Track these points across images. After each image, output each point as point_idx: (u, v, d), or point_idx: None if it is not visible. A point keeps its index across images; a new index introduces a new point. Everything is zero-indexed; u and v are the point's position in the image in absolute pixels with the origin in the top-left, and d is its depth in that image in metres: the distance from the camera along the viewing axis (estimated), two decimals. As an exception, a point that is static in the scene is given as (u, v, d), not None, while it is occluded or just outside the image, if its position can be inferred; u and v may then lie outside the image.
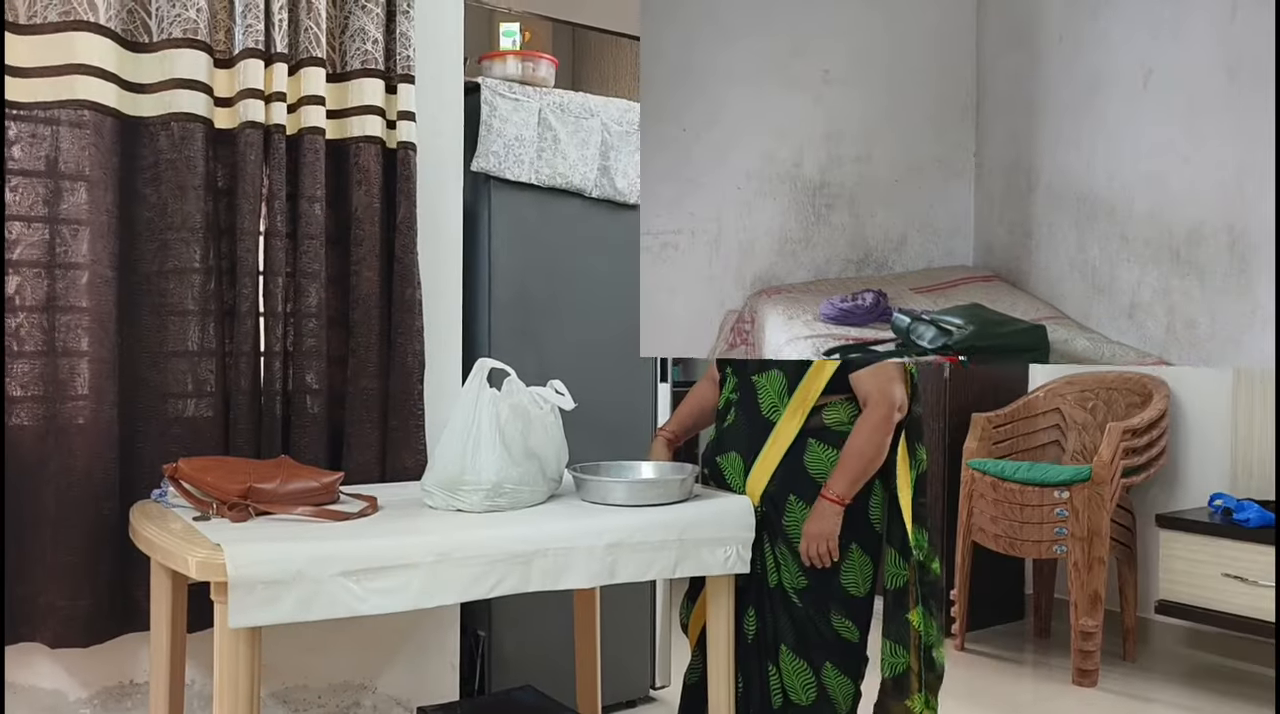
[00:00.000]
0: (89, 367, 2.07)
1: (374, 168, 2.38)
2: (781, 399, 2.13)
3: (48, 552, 2.04)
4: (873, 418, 2.05)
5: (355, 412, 2.38)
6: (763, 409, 2.15)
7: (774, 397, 2.15)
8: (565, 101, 2.81)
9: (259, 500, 1.83)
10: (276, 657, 2.38)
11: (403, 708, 2.59)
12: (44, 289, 2.04)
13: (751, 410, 2.17)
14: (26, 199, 2.03)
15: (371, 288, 2.39)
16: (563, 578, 1.86)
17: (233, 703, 1.59)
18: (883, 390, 2.05)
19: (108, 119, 2.08)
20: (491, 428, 1.96)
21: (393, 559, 1.70)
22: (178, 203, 2.16)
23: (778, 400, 2.14)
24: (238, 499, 1.81)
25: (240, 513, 1.80)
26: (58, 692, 2.15)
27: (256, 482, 1.85)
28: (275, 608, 1.59)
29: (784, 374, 2.13)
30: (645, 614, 3.07)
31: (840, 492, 2.04)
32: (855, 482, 2.05)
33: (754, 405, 2.17)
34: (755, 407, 2.16)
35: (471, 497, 1.95)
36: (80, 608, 2.05)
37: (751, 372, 2.17)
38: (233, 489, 1.82)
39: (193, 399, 2.22)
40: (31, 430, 2.04)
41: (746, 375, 2.19)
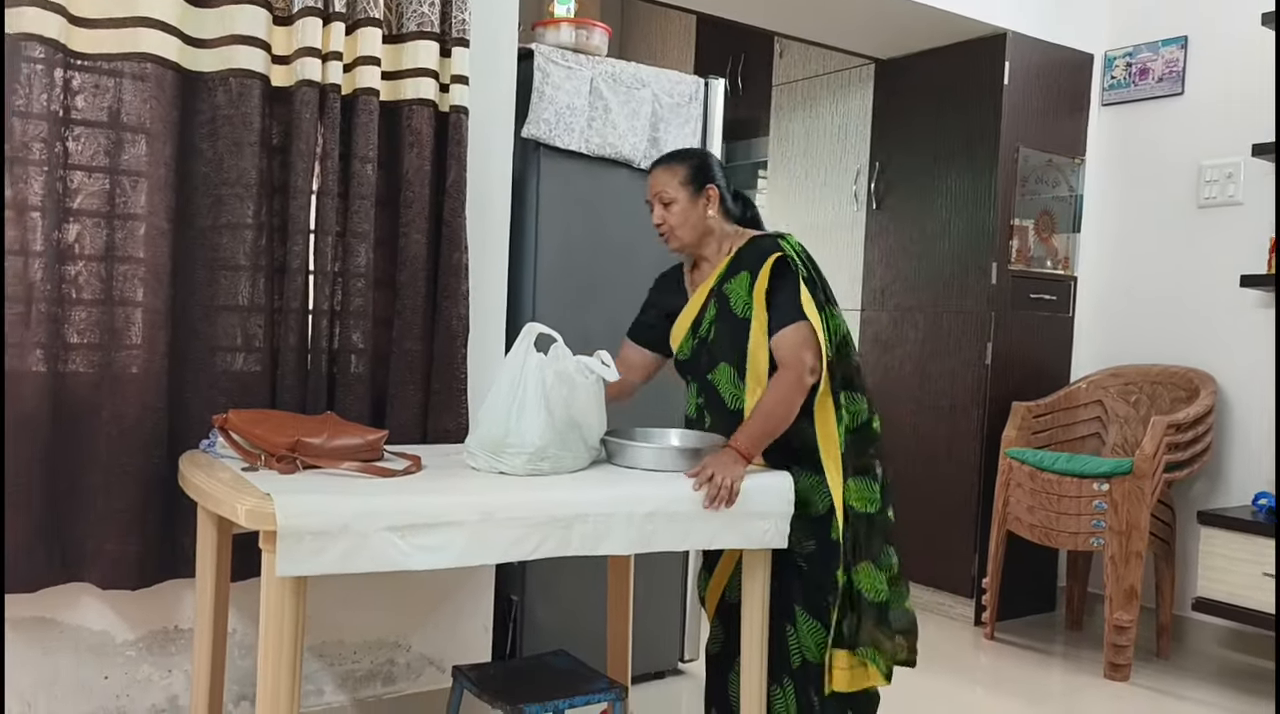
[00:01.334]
0: (143, 317, 2.11)
1: (426, 130, 2.39)
2: (739, 388, 2.16)
3: (99, 496, 2.08)
4: (784, 379, 2.07)
5: (399, 373, 2.40)
6: (727, 404, 2.19)
7: (731, 388, 2.18)
8: (617, 71, 2.80)
9: (306, 454, 1.85)
10: (314, 611, 2.41)
11: (436, 667, 2.63)
12: (103, 239, 2.08)
13: (718, 408, 2.21)
14: (89, 149, 2.06)
15: (419, 250, 2.40)
16: (601, 543, 1.87)
17: (277, 650, 1.62)
18: (794, 353, 2.08)
19: (169, 72, 2.10)
20: (537, 392, 1.97)
21: (438, 516, 1.72)
22: (233, 158, 2.19)
23: (735, 390, 2.17)
24: (286, 452, 1.84)
25: (288, 465, 1.82)
26: (105, 632, 2.20)
27: (304, 436, 1.87)
28: (322, 558, 1.61)
29: (729, 365, 2.17)
30: (677, 588, 3.09)
31: (744, 446, 2.02)
32: (761, 439, 2.05)
33: (719, 402, 2.20)
34: (720, 403, 2.20)
35: (514, 460, 1.96)
36: (130, 552, 2.09)
37: (705, 372, 2.22)
38: (281, 442, 1.85)
39: (241, 353, 2.25)
40: (87, 377, 2.08)
41: (703, 377, 2.23)
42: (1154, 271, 3.86)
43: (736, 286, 2.16)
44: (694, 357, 2.24)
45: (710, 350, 2.20)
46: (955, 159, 3.88)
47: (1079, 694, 3.19)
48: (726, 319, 2.17)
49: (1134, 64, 3.93)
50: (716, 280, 2.19)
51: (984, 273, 3.79)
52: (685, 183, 2.18)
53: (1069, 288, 4.02)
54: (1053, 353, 3.98)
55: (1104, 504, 3.28)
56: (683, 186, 2.17)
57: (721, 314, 2.18)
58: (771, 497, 2.05)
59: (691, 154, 2.25)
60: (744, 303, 2.14)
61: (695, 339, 2.23)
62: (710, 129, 3.01)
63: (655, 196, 2.19)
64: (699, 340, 2.22)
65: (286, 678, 1.62)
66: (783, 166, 4.65)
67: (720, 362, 2.18)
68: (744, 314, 2.14)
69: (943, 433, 3.91)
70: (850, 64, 4.29)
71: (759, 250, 2.16)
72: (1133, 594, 3.25)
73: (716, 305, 2.18)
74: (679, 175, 2.18)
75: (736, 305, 2.15)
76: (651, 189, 2.21)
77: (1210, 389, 3.52)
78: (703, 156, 2.24)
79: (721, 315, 2.18)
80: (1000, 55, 3.73)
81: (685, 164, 2.20)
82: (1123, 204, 3.97)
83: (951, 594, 3.88)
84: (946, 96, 3.91)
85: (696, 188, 2.18)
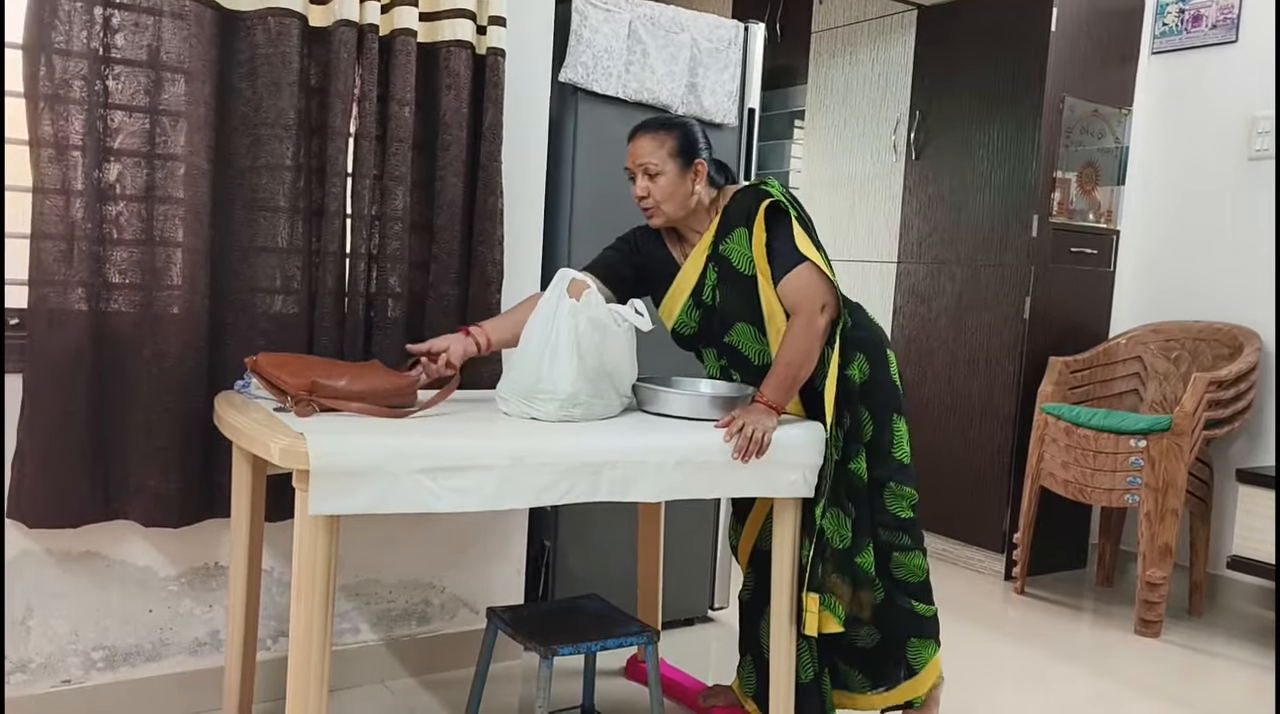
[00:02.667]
0: (184, 257, 2.12)
1: (463, 73, 2.37)
2: (762, 342, 2.15)
3: (140, 435, 2.12)
4: (795, 326, 2.04)
5: (434, 317, 2.41)
6: (754, 361, 2.18)
7: (755, 344, 2.17)
8: (656, 14, 2.76)
9: (322, 395, 1.86)
10: (351, 551, 2.46)
11: (469, 609, 2.67)
12: (143, 179, 2.09)
13: (745, 367, 2.20)
14: (128, 88, 2.06)
15: (456, 194, 2.40)
16: (630, 490, 1.88)
17: (310, 588, 1.65)
18: (803, 297, 2.04)
19: (208, 11, 2.10)
20: (570, 339, 1.97)
21: (469, 460, 1.73)
22: (272, 99, 2.18)
23: (760, 346, 2.16)
24: (302, 393, 1.85)
25: (304, 407, 1.83)
26: (148, 568, 2.25)
27: (321, 378, 1.88)
28: (354, 498, 1.63)
29: (746, 323, 2.15)
30: (708, 535, 3.10)
31: (772, 398, 2.01)
32: (787, 389, 2.03)
33: (744, 362, 2.19)
34: (746, 362, 2.19)
35: (546, 406, 1.97)
36: (171, 490, 2.13)
37: (721, 337, 2.19)
38: (296, 384, 1.86)
39: (280, 295, 2.26)
40: (129, 317, 2.10)
41: (720, 342, 2.20)
42: (1200, 225, 3.78)
43: (734, 245, 2.12)
44: (703, 326, 2.21)
45: (721, 314, 2.18)
46: (998, 109, 3.80)
47: (1109, 649, 3.19)
48: (731, 279, 2.13)
49: (1187, 10, 3.81)
50: (711, 244, 2.14)
51: (1024, 226, 3.73)
52: (674, 154, 2.08)
53: (1111, 242, 3.94)
54: (1092, 308, 3.92)
55: (1140, 461, 3.25)
56: (670, 158, 2.08)
57: (725, 276, 2.14)
58: (801, 447, 2.05)
59: (678, 123, 2.14)
60: (746, 259, 2.11)
61: (700, 308, 2.19)
62: (749, 75, 2.97)
63: (640, 167, 2.09)
64: (705, 308, 2.19)
65: (319, 616, 1.65)
66: (820, 115, 4.58)
67: (736, 322, 2.16)
68: (748, 271, 2.11)
69: (978, 387, 3.88)
70: (892, 10, 4.20)
71: (747, 202, 2.11)
72: (1167, 552, 3.23)
73: (717, 269, 2.14)
74: (666, 145, 2.08)
75: (740, 263, 2.11)
76: (634, 158, 2.10)
77: (1255, 346, 3.45)
78: (689, 126, 2.14)
79: (725, 277, 2.14)
80: (1048, 1, 3.63)
81: (673, 134, 2.09)
82: (1170, 156, 3.88)
83: (982, 549, 3.87)
84: (990, 44, 3.82)
85: (686, 160, 2.09)
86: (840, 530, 2.13)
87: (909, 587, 2.22)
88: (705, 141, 2.15)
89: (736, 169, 2.99)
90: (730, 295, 2.14)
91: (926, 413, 4.01)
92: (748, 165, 3.01)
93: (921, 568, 2.23)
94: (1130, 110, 3.92)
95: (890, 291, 4.19)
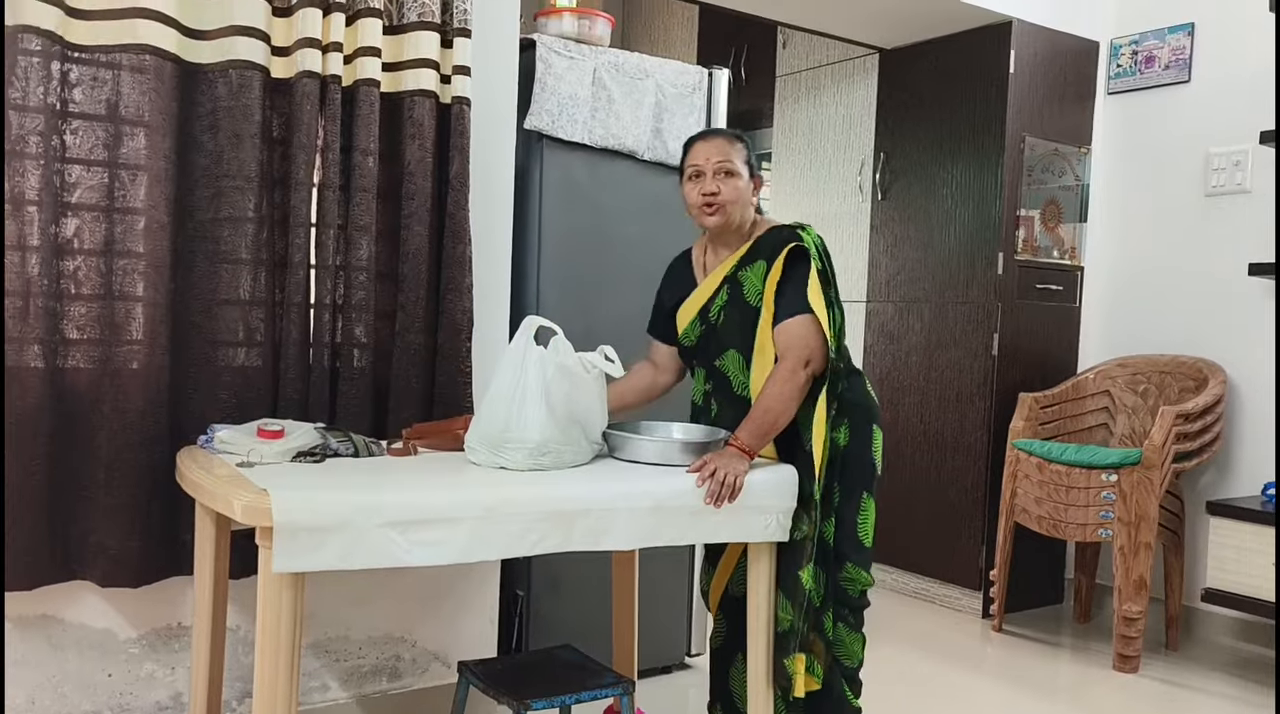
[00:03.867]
0: (144, 311, 2.09)
1: (428, 122, 2.37)
2: (745, 374, 2.15)
3: (100, 492, 2.07)
4: (780, 372, 2.04)
5: (402, 367, 2.39)
6: (735, 390, 2.17)
7: (740, 374, 2.16)
8: (620, 61, 2.78)
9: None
10: (319, 606, 2.41)
11: (441, 662, 2.62)
12: (102, 233, 2.06)
13: (726, 394, 2.19)
14: (87, 142, 2.04)
15: (422, 243, 2.38)
16: (604, 538, 1.86)
17: (274, 648, 1.61)
18: (792, 345, 2.05)
19: (168, 64, 2.09)
20: (538, 387, 1.95)
21: (438, 512, 1.70)
22: (234, 151, 2.17)
23: (743, 377, 2.15)
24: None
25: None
26: (107, 630, 2.19)
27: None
28: (319, 554, 1.60)
29: (737, 351, 2.15)
30: (683, 581, 3.07)
31: (746, 442, 1.99)
32: (762, 435, 2.01)
33: (727, 388, 2.19)
34: (729, 389, 2.19)
35: (515, 455, 1.94)
36: (131, 548, 2.08)
37: (712, 358, 2.20)
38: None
39: (243, 348, 2.24)
40: (87, 373, 2.07)
41: (710, 363, 2.21)
42: (1161, 261, 3.83)
43: (752, 274, 2.13)
44: (701, 342, 2.22)
45: (719, 336, 2.18)
46: (961, 149, 3.85)
47: (1089, 686, 3.17)
48: (738, 305, 2.14)
49: (1140, 52, 3.89)
50: (732, 267, 2.16)
51: (990, 263, 3.76)
52: (746, 162, 2.13)
53: (1076, 278, 3.99)
54: (1060, 343, 3.95)
55: (1112, 495, 3.26)
56: (744, 164, 2.12)
57: (733, 299, 2.15)
58: (774, 490, 2.03)
59: (745, 137, 2.19)
60: (757, 292, 2.11)
61: (703, 325, 2.20)
62: (715, 120, 2.99)
63: (717, 165, 2.09)
64: (707, 326, 2.19)
65: (284, 676, 1.61)
66: (787, 157, 4.62)
67: (729, 348, 2.16)
68: (755, 302, 2.12)
69: (949, 424, 3.89)
70: (854, 54, 4.26)
71: (777, 239, 2.12)
72: (1142, 585, 3.23)
73: (729, 291, 2.15)
74: (741, 153, 2.12)
75: (750, 293, 2.13)
76: (711, 156, 2.09)
77: (1219, 378, 3.49)
78: (750, 143, 2.20)
79: (733, 301, 2.15)
80: (1005, 43, 3.70)
81: (745, 144, 2.16)
82: (1130, 193, 3.94)
83: (959, 586, 3.86)
84: (951, 86, 3.88)
85: (752, 170, 2.15)
86: (818, 589, 2.11)
87: (844, 668, 2.18)
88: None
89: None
90: (731, 319, 2.15)
91: (900, 451, 4.01)
92: (714, 209, 3.02)
93: (858, 655, 2.19)
94: (1089, 149, 3.98)
95: (860, 331, 4.20)
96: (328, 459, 1.95)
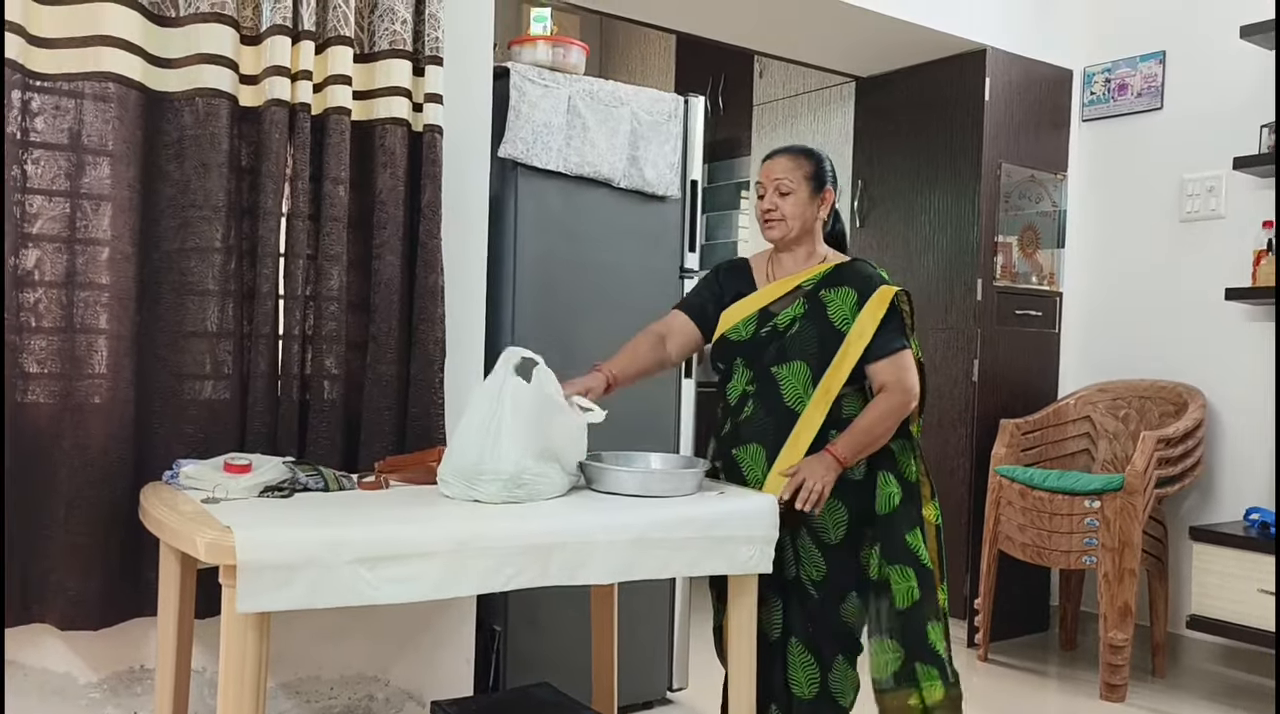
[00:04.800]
0: (107, 344, 2.04)
1: (399, 150, 2.34)
2: (807, 390, 2.14)
3: (60, 531, 2.00)
4: (890, 402, 2.11)
5: (374, 398, 2.34)
6: (786, 400, 2.15)
7: (799, 387, 2.14)
8: (595, 89, 2.76)
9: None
10: (289, 646, 2.35)
11: (415, 702, 2.55)
12: (64, 264, 2.01)
13: (773, 402, 2.16)
14: (48, 172, 2.00)
15: (394, 273, 2.35)
16: (581, 572, 1.81)
17: (238, 690, 1.55)
18: (899, 379, 2.11)
19: (132, 93, 2.05)
20: (513, 418, 1.91)
21: (408, 548, 1.65)
22: (200, 180, 2.13)
23: (803, 391, 2.14)
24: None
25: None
26: (68, 674, 2.12)
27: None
28: (285, 593, 1.55)
29: (806, 365, 2.14)
30: (664, 615, 3.02)
31: (842, 454, 2.07)
32: (860, 451, 2.09)
33: (776, 396, 2.16)
34: (778, 397, 2.16)
35: (489, 487, 1.89)
36: (91, 589, 2.02)
37: (769, 363, 2.17)
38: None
39: (210, 381, 2.18)
40: (47, 408, 2.01)
41: (764, 366, 2.18)
42: (1138, 286, 3.84)
43: (838, 299, 2.16)
44: (755, 342, 2.20)
45: (786, 344, 2.17)
46: (938, 176, 3.86)
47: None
48: (818, 322, 2.16)
49: (1113, 79, 3.92)
50: (812, 283, 2.19)
51: (969, 289, 3.76)
52: (808, 178, 2.20)
53: (1054, 303, 3.99)
54: (1040, 369, 3.94)
55: (1096, 521, 3.23)
56: (805, 180, 2.19)
57: (813, 315, 2.16)
58: (754, 520, 1.99)
59: (816, 153, 2.25)
60: (843, 317, 2.14)
61: (766, 326, 2.20)
62: (691, 147, 2.98)
63: (773, 183, 2.20)
64: (772, 328, 2.19)
65: (249, 719, 1.55)
66: (765, 186, 4.61)
67: (795, 359, 2.15)
68: (842, 326, 2.14)
69: (932, 451, 3.85)
70: (830, 82, 4.28)
71: (866, 276, 2.19)
72: (1127, 612, 3.20)
73: (806, 305, 2.18)
74: (803, 169, 2.20)
75: (836, 316, 2.15)
76: (769, 174, 2.21)
77: (1199, 403, 3.48)
78: (824, 159, 2.26)
79: (812, 316, 2.16)
80: (980, 71, 3.72)
81: (810, 160, 2.22)
82: (1106, 219, 3.95)
83: (943, 616, 3.81)
84: (928, 113, 3.89)
85: (816, 186, 2.20)
86: None
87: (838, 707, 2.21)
88: (834, 180, 2.26)
89: (681, 240, 2.98)
90: (807, 334, 2.15)
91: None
92: (691, 236, 3.00)
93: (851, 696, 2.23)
94: (1065, 175, 4.00)
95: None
96: (296, 494, 1.90)
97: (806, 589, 2.17)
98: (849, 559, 2.17)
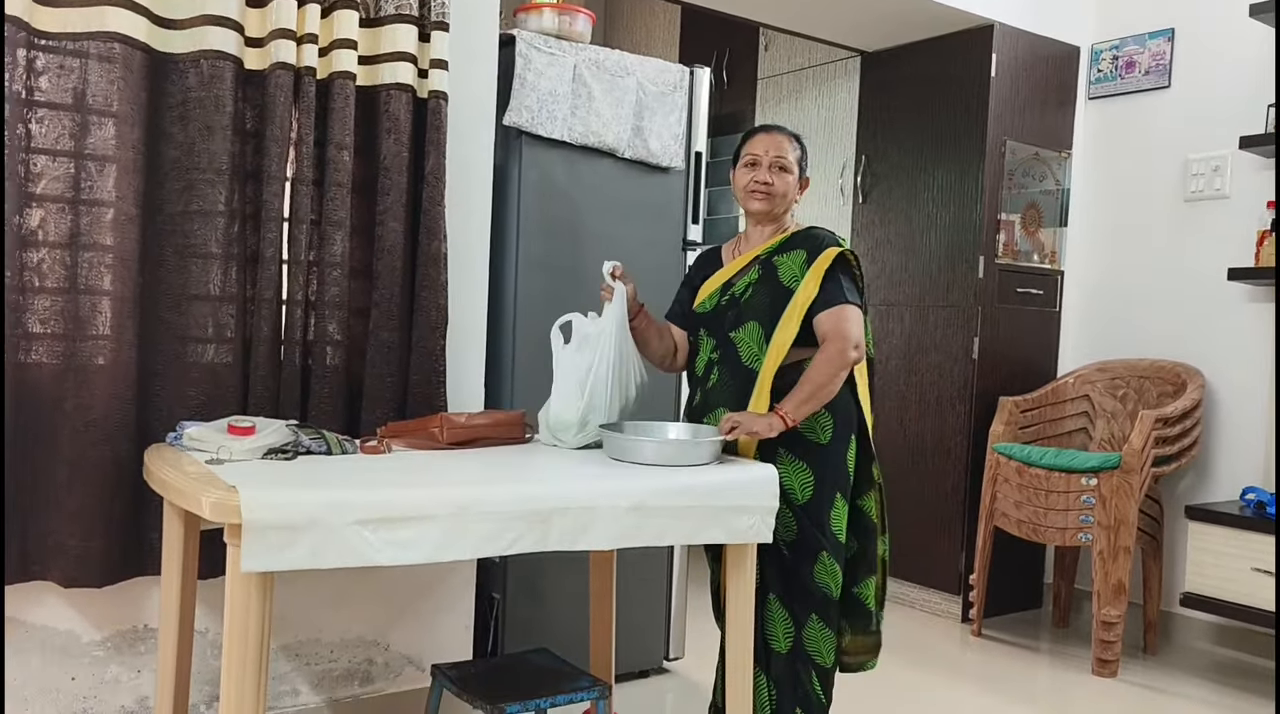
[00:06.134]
0: (110, 305, 2.04)
1: (404, 116, 2.33)
2: (761, 348, 2.18)
3: (62, 491, 2.02)
4: (828, 351, 2.12)
5: (376, 364, 2.35)
6: (744, 360, 2.20)
7: (754, 347, 2.19)
8: (601, 58, 2.75)
9: (453, 428, 2.13)
10: (290, 608, 2.37)
11: (415, 666, 2.57)
12: (67, 225, 2.01)
13: (734, 364, 2.22)
14: (52, 132, 1.99)
15: (397, 239, 2.35)
16: (582, 538, 1.82)
17: (242, 649, 1.56)
18: (838, 329, 2.13)
19: (137, 53, 2.04)
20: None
21: (410, 510, 1.66)
22: (205, 143, 2.12)
23: (758, 350, 2.19)
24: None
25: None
26: (70, 632, 2.14)
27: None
28: (289, 553, 1.56)
29: (759, 325, 2.19)
30: (661, 585, 3.04)
31: (787, 410, 2.08)
32: (801, 403, 2.10)
33: (735, 359, 2.22)
34: (737, 360, 2.21)
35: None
36: (93, 548, 2.03)
37: (728, 328, 2.23)
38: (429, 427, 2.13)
39: (213, 344, 2.19)
40: (50, 368, 2.01)
41: (724, 333, 2.24)
42: (1141, 265, 3.83)
43: (789, 261, 2.20)
44: (716, 311, 2.26)
45: (741, 308, 2.22)
46: (942, 152, 3.84)
47: (1067, 691, 3.16)
48: (769, 284, 2.20)
49: (1120, 57, 3.90)
50: (766, 251, 2.24)
51: (971, 267, 3.75)
52: (798, 161, 2.26)
53: (1056, 282, 3.99)
54: (1039, 347, 3.95)
55: (1092, 499, 3.25)
56: (796, 163, 2.25)
57: (765, 278, 2.21)
58: (755, 490, 2.00)
59: (801, 139, 2.30)
60: (793, 276, 2.19)
61: (724, 296, 2.25)
62: (695, 118, 2.97)
63: (773, 158, 2.22)
64: (729, 297, 2.24)
65: (252, 679, 1.57)
66: (768, 160, 4.59)
67: (749, 320, 2.20)
68: (790, 283, 2.18)
69: (930, 429, 3.87)
70: (836, 56, 4.25)
71: (819, 238, 2.22)
72: (1121, 589, 3.22)
73: (760, 271, 2.22)
74: (796, 152, 2.25)
75: (785, 276, 2.19)
76: (770, 149, 2.23)
77: (1198, 383, 3.49)
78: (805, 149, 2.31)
79: (764, 280, 2.21)
80: (987, 47, 3.70)
81: (800, 146, 2.28)
82: (1109, 198, 3.95)
83: (938, 591, 3.84)
84: (933, 89, 3.88)
85: (801, 171, 2.27)
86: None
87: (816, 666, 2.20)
88: None
89: (684, 211, 2.97)
90: (760, 296, 2.20)
91: (880, 456, 3.98)
92: (695, 208, 2.99)
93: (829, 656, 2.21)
94: (1070, 154, 3.99)
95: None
96: (299, 456, 1.91)
97: (780, 549, 2.18)
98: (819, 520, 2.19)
